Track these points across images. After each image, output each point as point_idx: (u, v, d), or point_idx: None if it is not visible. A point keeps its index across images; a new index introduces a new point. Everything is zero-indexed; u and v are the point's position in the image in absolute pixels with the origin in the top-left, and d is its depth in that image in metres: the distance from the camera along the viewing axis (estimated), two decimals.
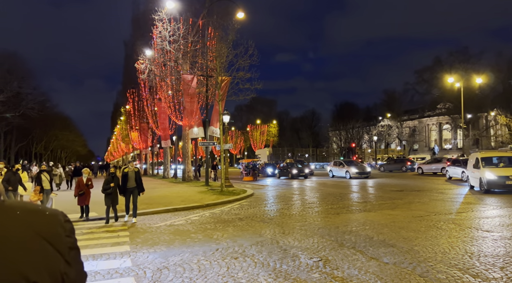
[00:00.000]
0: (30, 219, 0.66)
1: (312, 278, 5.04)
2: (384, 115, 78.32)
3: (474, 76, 61.47)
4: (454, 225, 8.41)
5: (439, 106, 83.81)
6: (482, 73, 63.37)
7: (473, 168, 16.68)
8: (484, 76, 60.50)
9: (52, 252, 0.65)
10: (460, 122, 70.21)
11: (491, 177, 14.99)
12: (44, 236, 0.65)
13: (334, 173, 29.44)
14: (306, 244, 6.93)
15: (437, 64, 79.81)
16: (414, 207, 11.59)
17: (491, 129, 76.01)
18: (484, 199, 13.47)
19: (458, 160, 27.16)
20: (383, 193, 16.38)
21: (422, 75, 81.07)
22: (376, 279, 4.90)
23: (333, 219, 9.63)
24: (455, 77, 58.26)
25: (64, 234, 0.70)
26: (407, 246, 6.56)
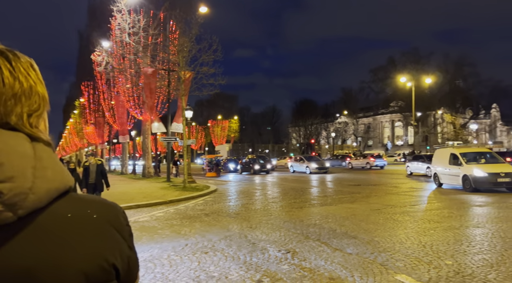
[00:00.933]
0: (100, 209, 0.75)
1: (281, 269, 5.25)
2: (341, 112, 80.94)
3: (424, 76, 64.99)
4: (409, 217, 9.01)
5: (392, 104, 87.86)
6: (431, 73, 67.24)
7: (448, 165, 15.31)
8: (433, 77, 64.18)
9: (119, 238, 0.74)
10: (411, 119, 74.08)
11: (480, 174, 13.64)
12: (112, 224, 0.74)
13: (295, 168, 30.14)
14: (274, 237, 7.15)
15: (391, 64, 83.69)
16: (372, 200, 12.23)
17: (438, 127, 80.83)
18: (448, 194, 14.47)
19: (421, 155, 26.87)
20: (342, 187, 17.08)
21: (377, 74, 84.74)
22: (342, 269, 5.20)
23: (297, 212, 9.96)
24: (407, 77, 61.27)
25: (125, 223, 0.79)
26: (368, 237, 6.98)
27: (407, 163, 26.84)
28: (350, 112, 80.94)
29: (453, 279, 4.76)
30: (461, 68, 77.95)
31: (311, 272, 5.11)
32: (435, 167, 16.80)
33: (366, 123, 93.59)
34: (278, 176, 26.66)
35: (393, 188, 16.23)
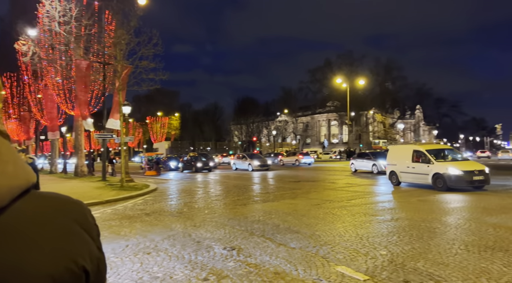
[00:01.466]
0: (65, 207, 0.68)
1: (227, 266, 5.24)
2: (281, 111, 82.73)
3: (358, 78, 68.73)
4: (346, 211, 9.49)
5: (329, 104, 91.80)
6: (363, 75, 71.31)
7: (412, 162, 14.52)
8: (365, 79, 68.04)
9: (88, 238, 0.68)
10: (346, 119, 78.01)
11: (456, 172, 12.95)
12: (80, 224, 0.68)
13: (237, 166, 30.28)
14: (218, 235, 7.11)
15: (327, 65, 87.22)
16: (312, 196, 12.68)
17: (370, 126, 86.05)
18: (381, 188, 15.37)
19: (366, 153, 27.07)
20: (283, 184, 17.50)
21: (315, 75, 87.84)
22: (286, 263, 5.33)
23: (241, 209, 10.01)
24: (342, 78, 64.31)
25: (93, 222, 0.73)
26: (310, 231, 7.22)
27: (351, 160, 26.81)
28: (290, 111, 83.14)
29: (388, 268, 5.10)
30: (390, 71, 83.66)
31: (256, 268, 5.16)
32: (391, 165, 15.72)
33: (304, 122, 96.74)
34: (220, 174, 26.58)
35: (331, 184, 16.98)
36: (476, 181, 12.87)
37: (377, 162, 22.68)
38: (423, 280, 4.64)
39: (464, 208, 9.89)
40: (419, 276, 4.76)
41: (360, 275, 4.84)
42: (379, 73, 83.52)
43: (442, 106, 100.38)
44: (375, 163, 22.79)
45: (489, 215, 8.71)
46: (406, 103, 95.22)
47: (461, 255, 5.59)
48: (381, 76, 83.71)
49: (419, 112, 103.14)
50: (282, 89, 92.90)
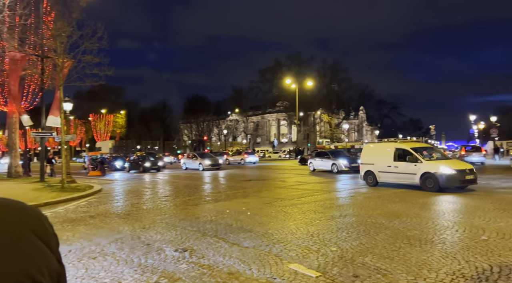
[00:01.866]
0: (20, 215, 0.59)
1: (180, 269, 5.10)
2: (232, 110, 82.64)
3: (306, 79, 70.54)
4: (297, 209, 9.67)
5: (278, 104, 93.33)
6: (312, 76, 73.41)
7: (394, 161, 13.70)
8: (313, 80, 70.05)
9: (46, 250, 0.59)
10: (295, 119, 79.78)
11: (449, 171, 12.24)
12: (36, 234, 0.59)
13: (188, 165, 29.74)
14: (169, 236, 6.91)
15: (277, 65, 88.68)
16: (263, 194, 12.78)
17: (317, 126, 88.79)
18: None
19: (325, 152, 25.91)
20: (235, 183, 17.47)
21: (265, 75, 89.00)
22: (240, 263, 5.29)
23: (193, 210, 9.82)
24: (291, 79, 65.66)
25: (52, 231, 0.64)
26: (263, 230, 7.25)
27: (309, 159, 26.14)
28: (241, 110, 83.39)
29: (338, 263, 5.26)
30: (336, 73, 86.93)
31: (210, 269, 5.07)
32: (366, 165, 14.83)
33: (255, 121, 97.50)
34: (170, 174, 25.94)
35: (281, 183, 17.25)
36: (468, 181, 12.34)
37: (337, 161, 22.67)
38: (371, 274, 4.83)
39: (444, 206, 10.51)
40: (367, 271, 4.95)
41: (313, 272, 4.93)
42: (326, 75, 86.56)
43: (383, 108, 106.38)
44: (334, 162, 22.63)
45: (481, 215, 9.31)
46: (350, 104, 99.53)
47: (404, 249, 5.91)
48: (328, 78, 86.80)
49: (363, 113, 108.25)
50: (233, 88, 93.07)
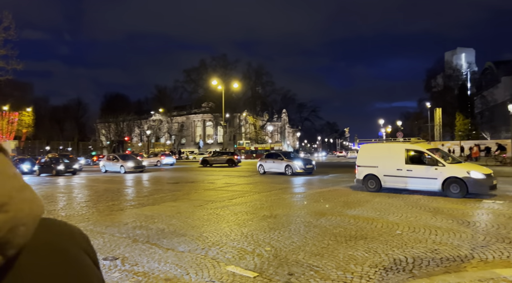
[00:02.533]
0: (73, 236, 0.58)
1: (112, 278, 4.85)
2: (156, 110, 79.89)
3: (232, 81, 71.14)
4: (229, 211, 9.75)
5: (204, 104, 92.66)
6: (237, 79, 74.31)
7: (405, 164, 12.38)
8: (239, 82, 70.88)
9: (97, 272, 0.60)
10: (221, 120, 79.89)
11: (479, 176, 11.17)
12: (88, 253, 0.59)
13: (108, 168, 28.03)
14: (97, 244, 6.50)
15: (203, 66, 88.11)
16: (193, 197, 12.63)
17: (243, 127, 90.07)
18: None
19: (276, 153, 24.65)
20: (161, 186, 16.96)
21: (190, 75, 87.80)
22: (177, 268, 5.21)
23: (119, 215, 9.34)
24: (217, 80, 65.73)
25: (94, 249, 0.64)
26: (197, 233, 7.19)
27: (259, 161, 24.56)
28: (165, 110, 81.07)
29: (273, 263, 5.45)
30: (260, 76, 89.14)
31: (145, 276, 4.91)
32: (368, 168, 13.41)
33: (180, 122, 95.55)
34: (88, 177, 24.22)
35: (210, 184, 17.18)
36: (495, 186, 11.47)
37: (292, 163, 22.02)
38: (304, 271, 5.11)
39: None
40: (301, 268, 5.22)
41: (250, 272, 5.05)
42: (251, 78, 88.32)
43: (303, 111, 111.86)
44: (289, 164, 21.94)
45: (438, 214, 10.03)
46: (274, 107, 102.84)
47: (332, 246, 6.33)
48: (253, 81, 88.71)
49: (285, 115, 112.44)
50: (156, 87, 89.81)
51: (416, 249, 6.08)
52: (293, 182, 17.99)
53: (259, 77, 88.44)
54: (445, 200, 11.08)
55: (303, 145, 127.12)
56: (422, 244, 6.33)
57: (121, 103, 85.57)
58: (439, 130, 68.88)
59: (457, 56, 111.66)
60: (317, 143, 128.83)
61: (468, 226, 7.58)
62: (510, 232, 7.05)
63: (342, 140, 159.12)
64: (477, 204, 10.34)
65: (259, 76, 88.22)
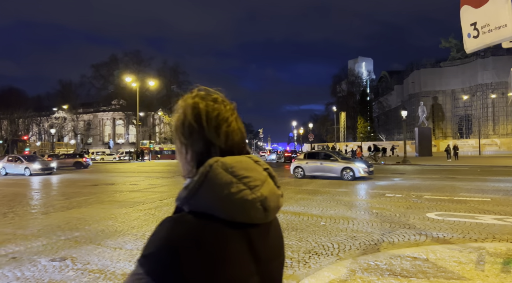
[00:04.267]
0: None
1: (68, 277, 4.92)
2: (59, 106, 73.36)
3: (146, 79, 68.85)
4: (163, 211, 9.95)
5: (114, 102, 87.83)
6: (152, 76, 72.12)
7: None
8: (153, 80, 68.94)
9: None
10: (133, 118, 76.63)
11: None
12: None
13: (8, 170, 25.22)
14: (36, 248, 6.31)
15: (114, 61, 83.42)
16: (120, 199, 12.40)
17: (157, 127, 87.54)
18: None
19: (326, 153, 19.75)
20: (80, 188, 16.11)
21: (99, 70, 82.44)
22: (131, 264, 5.44)
23: (47, 219, 8.89)
24: (130, 77, 63.03)
25: None
26: (140, 232, 7.36)
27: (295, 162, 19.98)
28: (70, 107, 74.88)
29: None
30: (177, 75, 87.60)
31: (102, 273, 5.07)
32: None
33: (86, 120, 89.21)
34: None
35: (133, 186, 16.83)
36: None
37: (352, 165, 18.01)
38: None
39: None
40: None
41: None
42: (166, 76, 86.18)
43: None
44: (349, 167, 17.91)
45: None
46: None
47: None
48: (168, 79, 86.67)
49: None
50: (60, 82, 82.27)
51: (339, 236, 7.16)
52: None
53: (175, 75, 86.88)
54: (355, 193, 12.73)
55: None
56: (343, 232, 7.44)
57: (16, 98, 76.59)
58: (343, 132, 75.60)
59: (359, 64, 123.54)
60: None
61: (377, 216, 9.01)
62: (409, 219, 8.60)
63: (257, 140, 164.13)
64: (382, 198, 12.13)
65: (175, 74, 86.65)
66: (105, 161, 57.62)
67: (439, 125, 73.28)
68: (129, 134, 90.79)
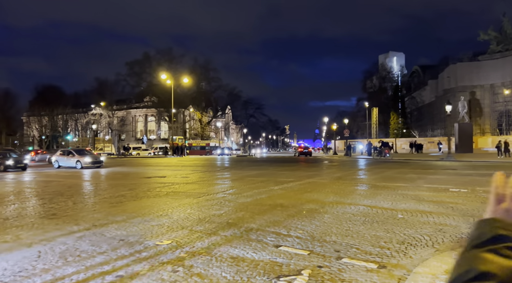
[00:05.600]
0: None
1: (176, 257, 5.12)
2: (97, 103, 75.81)
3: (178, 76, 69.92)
4: (242, 199, 10.14)
5: (146, 99, 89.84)
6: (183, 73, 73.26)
7: None
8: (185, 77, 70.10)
9: None
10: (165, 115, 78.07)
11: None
12: None
13: (61, 163, 26.38)
14: (132, 232, 6.60)
15: (146, 59, 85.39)
16: (181, 189, 12.71)
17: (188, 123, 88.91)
18: None
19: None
20: (135, 180, 16.62)
21: (133, 68, 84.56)
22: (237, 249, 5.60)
23: (126, 206, 9.27)
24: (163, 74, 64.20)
25: None
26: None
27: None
28: (106, 104, 77.29)
29: (314, 243, 6.07)
30: (207, 72, 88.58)
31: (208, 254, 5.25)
32: None
33: (119, 116, 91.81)
34: (42, 173, 22.69)
35: (185, 179, 17.19)
36: None
37: None
38: (347, 248, 5.78)
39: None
40: (340, 246, 5.89)
41: (301, 251, 5.61)
42: (196, 73, 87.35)
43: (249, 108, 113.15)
44: None
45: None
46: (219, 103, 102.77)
47: (353, 228, 7.09)
48: (198, 76, 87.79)
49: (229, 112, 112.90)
50: (97, 80, 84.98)
51: (425, 229, 7.07)
52: None
53: (206, 72, 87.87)
54: (417, 187, 12.53)
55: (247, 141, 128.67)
56: (428, 225, 7.34)
57: (55, 95, 79.81)
58: (375, 128, 74.27)
59: (389, 59, 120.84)
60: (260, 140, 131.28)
61: (453, 210, 8.84)
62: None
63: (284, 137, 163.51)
64: (447, 192, 11.88)
65: (206, 71, 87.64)
66: (141, 156, 59.16)
67: (476, 121, 70.73)
68: (160, 130, 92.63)
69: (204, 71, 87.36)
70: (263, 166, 28.76)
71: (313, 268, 5.03)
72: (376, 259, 5.48)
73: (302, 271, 4.93)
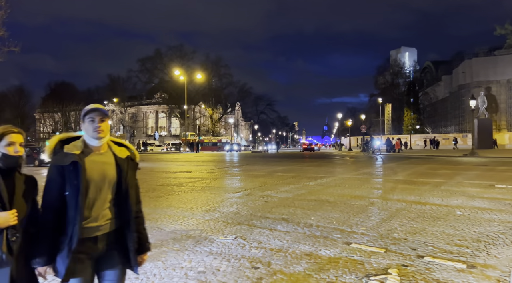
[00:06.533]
0: None
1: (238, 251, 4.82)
2: (110, 99, 76.03)
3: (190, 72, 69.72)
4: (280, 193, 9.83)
5: (157, 95, 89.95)
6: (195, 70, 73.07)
7: None
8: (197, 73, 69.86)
9: None
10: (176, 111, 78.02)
11: None
12: None
13: None
14: (189, 226, 6.32)
15: (158, 56, 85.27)
16: (213, 184, 12.44)
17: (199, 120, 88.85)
18: None
19: None
20: (162, 176, 16.41)
21: (145, 64, 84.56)
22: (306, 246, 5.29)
23: (169, 200, 9.01)
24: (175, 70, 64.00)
25: None
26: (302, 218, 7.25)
27: None
28: (119, 100, 77.49)
29: (385, 241, 5.72)
30: (218, 68, 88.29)
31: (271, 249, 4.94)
32: None
33: (131, 113, 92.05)
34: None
35: (212, 174, 16.95)
36: None
37: None
38: (423, 246, 5.43)
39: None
40: (415, 244, 5.54)
41: (377, 249, 5.27)
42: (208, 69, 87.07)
43: (259, 104, 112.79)
44: None
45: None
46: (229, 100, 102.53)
47: (417, 226, 6.72)
48: (209, 72, 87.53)
49: (239, 108, 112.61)
50: (109, 76, 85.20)
51: (495, 227, 6.67)
52: None
53: (217, 69, 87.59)
54: (459, 182, 12.09)
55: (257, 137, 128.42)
56: (495, 223, 6.94)
57: (68, 91, 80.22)
58: (389, 124, 73.37)
59: (402, 54, 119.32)
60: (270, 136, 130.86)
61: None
62: None
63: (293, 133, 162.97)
64: (495, 189, 11.43)
65: (217, 68, 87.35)
66: (154, 152, 59.18)
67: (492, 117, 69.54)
68: (171, 126, 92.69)
69: (216, 68, 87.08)
70: (283, 162, 28.44)
71: (399, 267, 4.69)
72: (460, 259, 5.11)
73: (389, 270, 4.61)
